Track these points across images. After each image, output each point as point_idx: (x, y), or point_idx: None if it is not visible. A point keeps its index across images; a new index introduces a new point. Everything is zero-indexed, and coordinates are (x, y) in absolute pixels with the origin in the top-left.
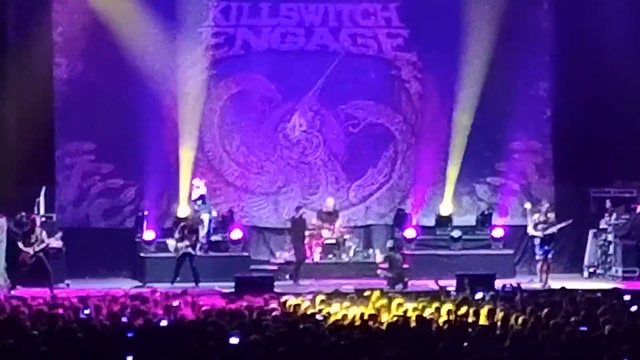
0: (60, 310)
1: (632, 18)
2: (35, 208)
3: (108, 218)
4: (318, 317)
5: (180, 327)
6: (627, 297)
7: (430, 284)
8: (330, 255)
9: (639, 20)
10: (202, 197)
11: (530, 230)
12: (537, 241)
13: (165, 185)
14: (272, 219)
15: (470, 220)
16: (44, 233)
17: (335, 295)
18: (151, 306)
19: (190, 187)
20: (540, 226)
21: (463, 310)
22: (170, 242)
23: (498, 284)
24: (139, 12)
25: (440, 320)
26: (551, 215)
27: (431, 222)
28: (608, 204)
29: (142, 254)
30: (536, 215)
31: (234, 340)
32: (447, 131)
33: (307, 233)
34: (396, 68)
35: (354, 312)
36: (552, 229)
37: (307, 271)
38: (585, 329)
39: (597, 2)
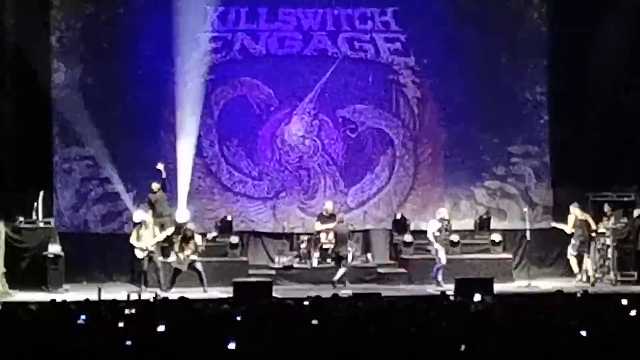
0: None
1: (629, 22)
2: (34, 213)
3: (106, 223)
4: (313, 322)
5: (178, 332)
6: (625, 301)
7: (430, 289)
8: (329, 260)
9: (636, 24)
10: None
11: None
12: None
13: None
14: (270, 224)
15: (469, 224)
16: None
17: None
18: (149, 311)
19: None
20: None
21: None
22: (172, 258)
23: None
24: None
25: None
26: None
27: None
28: (606, 207)
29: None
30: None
31: (231, 346)
32: (445, 135)
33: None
34: (394, 72)
35: None
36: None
37: (306, 276)
38: (584, 333)
39: (594, 7)
